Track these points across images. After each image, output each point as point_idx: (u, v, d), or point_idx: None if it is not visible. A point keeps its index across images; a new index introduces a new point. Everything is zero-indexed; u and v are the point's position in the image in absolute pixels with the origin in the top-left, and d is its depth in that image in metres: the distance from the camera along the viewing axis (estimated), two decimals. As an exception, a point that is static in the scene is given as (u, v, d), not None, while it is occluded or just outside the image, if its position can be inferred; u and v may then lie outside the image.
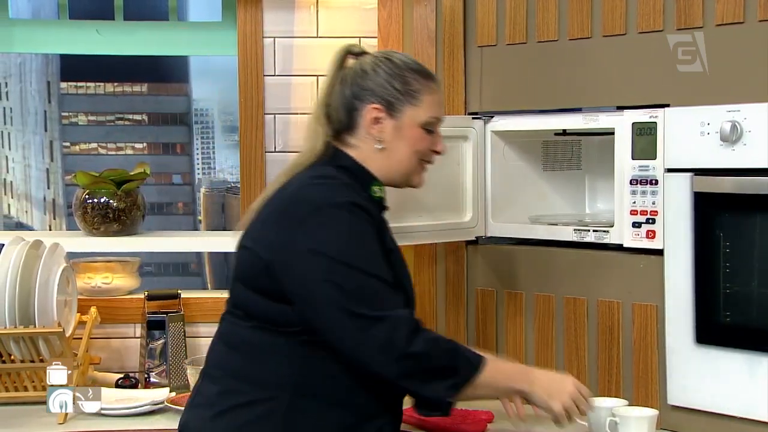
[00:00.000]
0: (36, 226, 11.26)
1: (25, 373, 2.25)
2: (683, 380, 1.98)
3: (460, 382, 1.61)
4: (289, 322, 1.61)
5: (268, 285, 1.62)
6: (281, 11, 2.55)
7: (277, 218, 1.64)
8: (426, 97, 1.73)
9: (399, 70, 1.72)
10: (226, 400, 1.63)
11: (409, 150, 1.73)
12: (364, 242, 1.61)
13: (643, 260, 2.05)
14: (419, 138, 1.74)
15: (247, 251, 1.66)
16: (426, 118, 1.74)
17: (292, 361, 1.62)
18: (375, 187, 1.74)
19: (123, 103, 13.90)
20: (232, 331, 1.69)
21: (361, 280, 1.57)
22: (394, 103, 1.71)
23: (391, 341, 1.55)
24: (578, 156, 2.45)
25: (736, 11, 1.90)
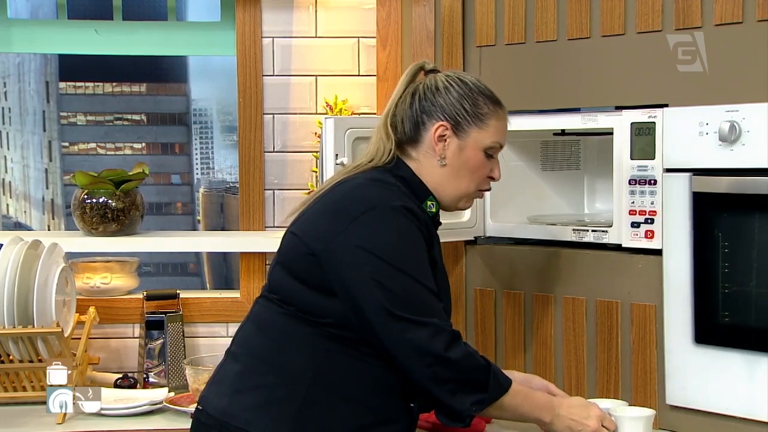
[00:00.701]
0: (35, 226, 11.25)
1: (23, 373, 2.25)
2: (682, 380, 1.98)
3: (486, 399, 1.64)
4: (323, 313, 1.63)
5: (310, 274, 1.64)
6: (280, 11, 2.55)
7: (330, 211, 1.66)
8: (493, 122, 1.75)
9: (471, 92, 1.75)
10: (246, 380, 1.65)
11: (468, 172, 1.75)
12: (413, 248, 1.63)
13: (641, 260, 2.05)
14: (480, 162, 1.76)
15: (295, 238, 1.68)
16: (489, 142, 1.76)
17: (317, 352, 1.63)
18: (429, 202, 1.76)
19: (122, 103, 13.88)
20: (263, 314, 1.72)
21: (407, 284, 1.60)
22: (461, 123, 1.74)
23: (428, 346, 1.58)
24: (577, 156, 2.45)
25: (735, 11, 1.90)
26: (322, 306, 1.64)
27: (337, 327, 1.63)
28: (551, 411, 1.74)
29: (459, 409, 1.63)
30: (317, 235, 1.65)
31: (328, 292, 1.63)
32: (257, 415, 1.62)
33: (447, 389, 1.61)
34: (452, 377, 1.61)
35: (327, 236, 1.63)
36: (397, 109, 1.77)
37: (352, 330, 1.63)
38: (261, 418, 1.62)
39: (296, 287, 1.66)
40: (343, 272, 1.61)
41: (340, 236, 1.62)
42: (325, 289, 1.63)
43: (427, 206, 1.75)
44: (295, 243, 1.68)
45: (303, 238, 1.66)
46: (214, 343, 2.54)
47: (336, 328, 1.63)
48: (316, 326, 1.64)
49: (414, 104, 1.76)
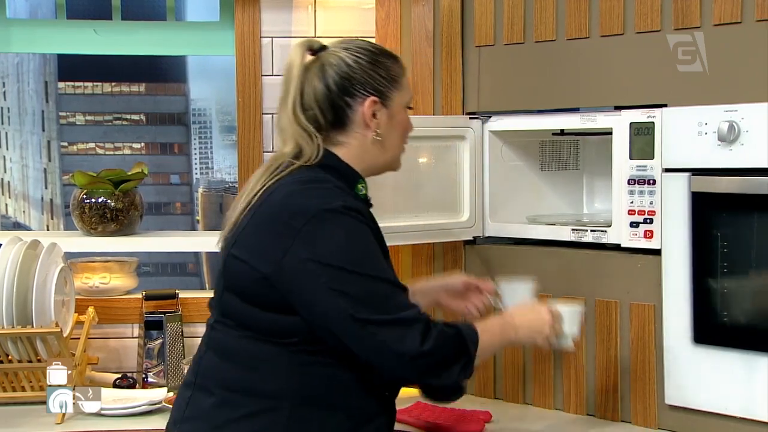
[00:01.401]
0: (34, 226, 11.25)
1: (22, 373, 2.25)
2: (681, 380, 1.98)
3: (468, 362, 1.63)
4: (286, 333, 1.58)
5: (265, 298, 1.58)
6: (279, 11, 2.55)
7: (270, 228, 1.58)
8: (403, 79, 1.73)
9: (377, 58, 1.69)
10: (225, 413, 1.58)
11: (400, 134, 1.74)
12: (363, 246, 1.58)
13: (640, 260, 2.05)
14: (407, 120, 1.75)
15: (241, 263, 1.60)
16: (408, 99, 1.75)
17: (291, 369, 1.58)
18: (359, 185, 1.70)
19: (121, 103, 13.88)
20: (225, 341, 1.64)
21: (367, 285, 1.55)
22: (384, 92, 1.69)
23: (403, 346, 1.55)
24: (576, 156, 2.45)
25: (734, 11, 1.90)
26: (284, 326, 1.58)
27: (304, 343, 1.58)
28: (512, 329, 1.76)
29: (448, 383, 1.62)
30: (264, 257, 1.57)
31: (287, 311, 1.57)
32: None
33: (432, 375, 1.60)
34: (433, 363, 1.58)
35: (274, 256, 1.55)
36: (305, 100, 1.67)
37: (319, 342, 1.58)
38: None
39: (253, 312, 1.59)
40: (301, 289, 1.55)
41: (288, 254, 1.54)
42: (283, 310, 1.57)
43: (358, 189, 1.70)
44: (242, 269, 1.59)
45: (250, 263, 1.58)
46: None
47: (303, 344, 1.58)
48: (283, 345, 1.58)
49: (329, 89, 1.66)
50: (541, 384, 2.23)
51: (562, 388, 2.19)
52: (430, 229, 2.25)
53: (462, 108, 2.35)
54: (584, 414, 2.16)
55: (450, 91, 2.36)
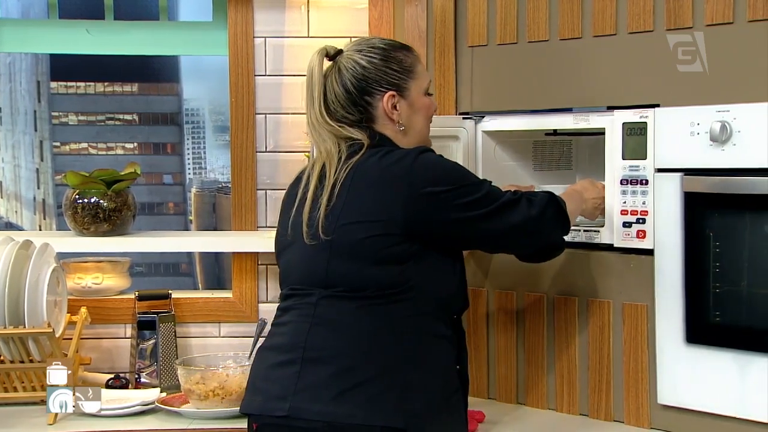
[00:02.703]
0: (26, 226, 11.23)
1: (14, 373, 2.24)
2: (673, 380, 1.99)
3: (565, 219, 1.89)
4: (398, 282, 1.70)
5: (382, 249, 1.69)
6: (272, 11, 2.55)
7: (380, 185, 1.71)
8: (418, 67, 1.85)
9: (389, 53, 1.83)
10: (344, 381, 1.66)
11: (424, 120, 1.87)
12: (455, 165, 1.80)
13: (633, 260, 2.05)
14: (428, 104, 1.88)
15: (357, 225, 1.70)
16: (425, 84, 1.87)
17: (400, 331, 1.70)
18: None
19: (113, 103, 13.87)
20: (334, 315, 1.72)
21: (485, 186, 1.78)
22: (400, 84, 1.82)
23: (517, 216, 1.79)
24: (569, 156, 2.46)
25: (726, 12, 1.91)
26: (397, 277, 1.70)
27: (414, 292, 1.71)
28: (582, 200, 2.03)
29: (557, 240, 1.90)
30: (393, 209, 1.69)
31: (402, 260, 1.70)
32: (371, 410, 1.64)
33: (545, 234, 1.87)
34: (545, 222, 1.83)
35: (403, 205, 1.70)
36: (329, 103, 1.81)
37: (429, 295, 1.73)
38: (372, 412, 1.64)
39: (366, 269, 1.69)
40: (446, 222, 1.72)
41: (413, 197, 1.69)
42: (398, 260, 1.70)
43: None
44: (358, 229, 1.70)
45: (368, 219, 1.70)
46: (206, 344, 2.54)
47: (413, 293, 1.71)
48: (392, 303, 1.69)
49: (348, 92, 1.80)
50: (534, 384, 2.23)
51: (555, 388, 2.20)
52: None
53: (455, 108, 2.35)
54: (577, 414, 2.16)
55: (443, 91, 2.36)
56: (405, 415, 1.66)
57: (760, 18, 1.87)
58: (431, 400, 1.71)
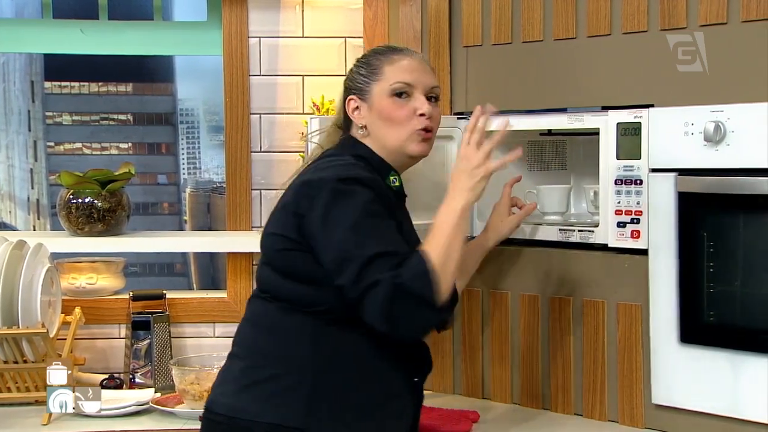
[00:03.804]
0: (20, 226, 11.20)
1: (8, 374, 2.23)
2: (668, 379, 1.99)
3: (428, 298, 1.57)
4: (315, 302, 1.66)
5: (293, 266, 1.67)
6: (266, 11, 2.54)
7: (295, 201, 1.68)
8: (387, 68, 1.79)
9: (365, 59, 1.83)
10: (251, 375, 1.68)
11: (384, 123, 1.77)
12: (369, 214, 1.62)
13: (627, 260, 2.05)
14: (390, 107, 1.77)
15: (273, 236, 1.71)
16: (390, 86, 1.78)
17: (317, 338, 1.67)
18: (391, 177, 1.81)
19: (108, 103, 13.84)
20: (259, 312, 1.75)
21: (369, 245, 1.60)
22: (362, 88, 1.80)
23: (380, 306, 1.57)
24: (563, 156, 2.46)
25: (720, 12, 1.91)
26: (310, 296, 1.67)
27: (333, 312, 1.66)
28: (453, 202, 1.68)
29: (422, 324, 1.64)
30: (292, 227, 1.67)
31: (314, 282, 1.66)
32: (267, 406, 1.65)
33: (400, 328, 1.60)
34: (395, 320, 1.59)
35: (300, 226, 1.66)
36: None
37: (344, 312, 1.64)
38: (271, 408, 1.65)
39: (284, 283, 1.69)
40: (322, 253, 1.63)
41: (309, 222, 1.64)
42: (311, 280, 1.66)
43: (390, 181, 1.80)
44: (273, 241, 1.71)
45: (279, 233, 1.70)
46: (200, 344, 2.54)
47: (332, 313, 1.66)
48: (313, 316, 1.67)
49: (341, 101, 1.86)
50: (528, 384, 2.23)
51: (550, 388, 2.20)
52: (419, 229, 2.24)
53: (450, 108, 2.35)
54: (572, 414, 2.16)
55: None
56: (304, 416, 1.63)
57: (754, 18, 1.87)
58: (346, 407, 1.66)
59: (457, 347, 2.35)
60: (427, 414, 2.13)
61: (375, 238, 1.59)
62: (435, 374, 2.36)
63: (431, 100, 1.82)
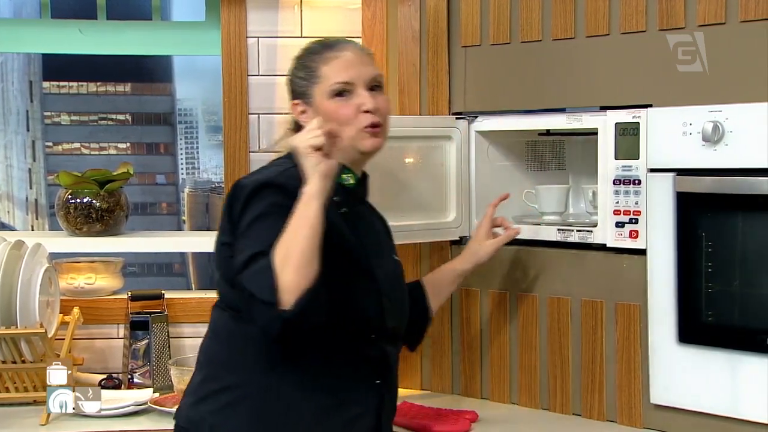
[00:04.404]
0: (18, 226, 11.20)
1: (6, 374, 2.23)
2: (666, 379, 1.99)
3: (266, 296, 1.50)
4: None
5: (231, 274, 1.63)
6: (265, 11, 2.54)
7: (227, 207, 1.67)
8: (323, 69, 1.74)
9: (300, 61, 1.78)
10: (208, 386, 1.68)
11: (332, 123, 1.70)
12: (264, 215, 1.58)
13: (626, 260, 2.05)
14: (333, 108, 1.73)
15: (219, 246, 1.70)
16: (329, 87, 1.73)
17: (267, 347, 1.63)
18: (344, 176, 1.76)
19: (106, 103, 13.83)
20: (217, 322, 1.75)
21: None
22: (304, 92, 1.76)
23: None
24: (562, 156, 2.46)
25: (718, 12, 1.91)
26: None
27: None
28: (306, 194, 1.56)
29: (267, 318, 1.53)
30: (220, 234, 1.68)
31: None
32: (221, 417, 1.64)
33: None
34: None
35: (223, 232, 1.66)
36: None
37: None
38: (224, 421, 1.64)
39: (229, 290, 1.67)
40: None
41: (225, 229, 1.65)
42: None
43: (343, 179, 1.75)
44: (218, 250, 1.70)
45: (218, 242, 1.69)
46: (199, 344, 2.52)
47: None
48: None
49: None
50: (526, 384, 2.23)
51: (548, 387, 2.20)
52: (417, 229, 2.25)
53: (448, 108, 2.35)
54: (570, 414, 2.16)
55: (436, 91, 2.36)
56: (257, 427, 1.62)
57: (752, 18, 1.87)
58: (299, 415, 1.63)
59: (455, 347, 2.35)
60: (426, 413, 2.13)
61: (258, 239, 1.55)
62: (434, 374, 2.37)
63: (375, 89, 1.76)
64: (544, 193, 2.30)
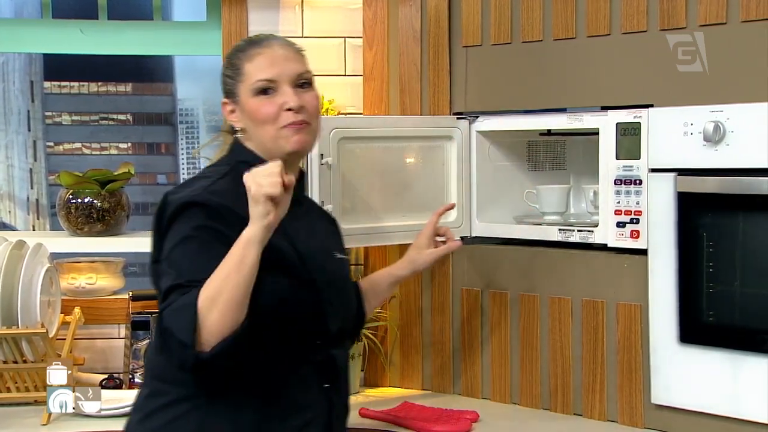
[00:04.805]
0: (19, 226, 11.20)
1: (8, 374, 2.23)
2: (667, 379, 1.99)
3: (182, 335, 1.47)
4: None
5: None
6: (266, 11, 2.54)
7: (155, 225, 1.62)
8: (246, 67, 1.69)
9: (228, 60, 1.74)
10: (151, 403, 1.64)
11: (256, 123, 1.68)
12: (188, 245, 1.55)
13: (627, 260, 2.05)
14: (256, 107, 1.67)
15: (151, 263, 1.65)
16: (251, 85, 1.68)
17: None
18: None
19: (107, 103, 13.84)
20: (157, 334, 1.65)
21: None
22: (231, 90, 1.71)
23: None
24: (563, 156, 2.46)
25: (719, 12, 1.91)
26: None
27: None
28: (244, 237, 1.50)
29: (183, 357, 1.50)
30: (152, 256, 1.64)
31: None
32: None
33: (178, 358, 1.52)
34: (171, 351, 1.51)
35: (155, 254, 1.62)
36: None
37: None
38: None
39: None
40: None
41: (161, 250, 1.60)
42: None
43: None
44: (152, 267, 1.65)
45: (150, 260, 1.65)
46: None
47: None
48: None
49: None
50: (527, 384, 2.23)
51: (549, 387, 2.20)
52: (418, 229, 2.24)
53: (449, 108, 2.35)
54: (571, 413, 2.16)
55: (437, 91, 2.36)
56: None
57: (753, 18, 1.87)
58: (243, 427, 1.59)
59: (456, 347, 2.35)
60: (427, 414, 2.13)
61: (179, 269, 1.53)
62: (435, 374, 2.37)
63: (303, 86, 1.70)
64: (545, 193, 2.30)
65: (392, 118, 2.39)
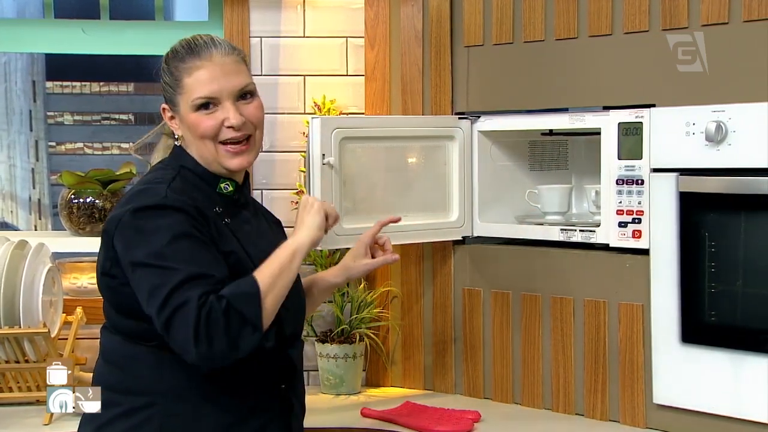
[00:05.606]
0: (21, 226, 11.20)
1: (10, 374, 2.23)
2: (669, 379, 1.99)
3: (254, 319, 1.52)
4: (150, 335, 1.58)
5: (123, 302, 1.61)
6: (268, 11, 2.54)
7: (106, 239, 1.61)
8: (186, 81, 1.65)
9: (167, 64, 1.69)
10: (107, 413, 1.63)
11: (194, 137, 1.65)
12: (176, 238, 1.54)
13: (629, 260, 2.05)
14: (196, 123, 1.64)
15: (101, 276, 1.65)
16: (191, 102, 1.64)
17: (160, 368, 1.60)
18: (222, 184, 1.68)
19: (109, 103, 13.83)
20: (106, 345, 1.68)
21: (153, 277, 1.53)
22: (172, 98, 1.68)
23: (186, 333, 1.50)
24: (565, 156, 2.46)
25: (721, 12, 1.91)
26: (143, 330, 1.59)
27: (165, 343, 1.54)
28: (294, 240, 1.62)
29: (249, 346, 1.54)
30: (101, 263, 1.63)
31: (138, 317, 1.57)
32: None
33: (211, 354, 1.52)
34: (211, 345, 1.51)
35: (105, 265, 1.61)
36: None
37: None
38: None
39: (119, 318, 1.64)
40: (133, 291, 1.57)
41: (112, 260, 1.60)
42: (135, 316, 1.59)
43: (220, 188, 1.68)
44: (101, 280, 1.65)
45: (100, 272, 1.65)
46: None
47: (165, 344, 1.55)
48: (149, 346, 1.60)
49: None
50: (529, 384, 2.23)
51: (551, 387, 2.20)
52: (419, 229, 2.25)
53: (451, 108, 2.35)
54: (573, 413, 2.16)
55: (439, 91, 2.36)
56: None
57: (755, 18, 1.87)
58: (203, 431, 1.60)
59: (458, 347, 2.35)
60: (429, 414, 2.13)
61: (185, 262, 1.51)
62: (436, 374, 2.37)
63: (246, 97, 1.67)
64: (546, 193, 2.30)
65: (394, 118, 2.39)
